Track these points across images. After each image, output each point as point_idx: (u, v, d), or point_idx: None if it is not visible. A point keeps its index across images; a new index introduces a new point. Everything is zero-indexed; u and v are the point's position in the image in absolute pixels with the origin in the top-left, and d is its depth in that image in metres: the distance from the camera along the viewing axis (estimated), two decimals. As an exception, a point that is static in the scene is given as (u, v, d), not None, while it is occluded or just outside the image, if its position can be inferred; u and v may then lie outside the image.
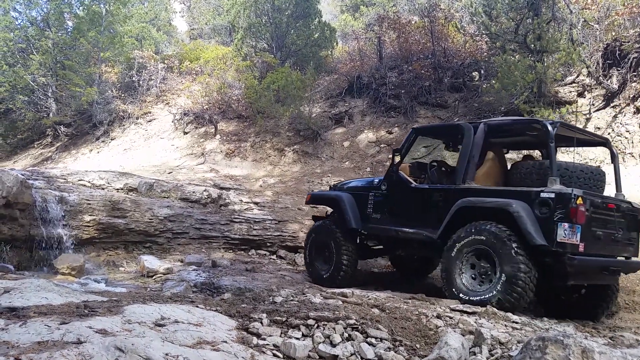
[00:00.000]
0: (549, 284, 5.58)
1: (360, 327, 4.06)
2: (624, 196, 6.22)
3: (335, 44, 17.98)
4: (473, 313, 4.90)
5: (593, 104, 10.61)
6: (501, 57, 10.90)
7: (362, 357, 3.67)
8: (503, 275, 5.21)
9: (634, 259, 5.99)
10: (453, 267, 5.66)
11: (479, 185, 6.00)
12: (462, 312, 4.91)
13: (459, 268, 5.64)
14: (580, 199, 5.09)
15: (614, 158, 6.34)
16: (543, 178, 5.50)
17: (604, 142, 6.59)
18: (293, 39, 16.62)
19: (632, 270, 6.17)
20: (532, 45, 10.65)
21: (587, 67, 10.92)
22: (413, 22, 15.91)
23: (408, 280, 7.67)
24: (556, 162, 5.45)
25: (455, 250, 5.65)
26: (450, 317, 4.62)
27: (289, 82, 13.94)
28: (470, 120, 12.28)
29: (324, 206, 8.34)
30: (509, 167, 6.62)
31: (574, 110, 10.53)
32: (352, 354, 3.69)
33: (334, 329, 3.98)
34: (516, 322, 4.76)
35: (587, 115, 10.46)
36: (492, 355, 3.64)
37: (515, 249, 5.17)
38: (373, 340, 3.90)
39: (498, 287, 5.21)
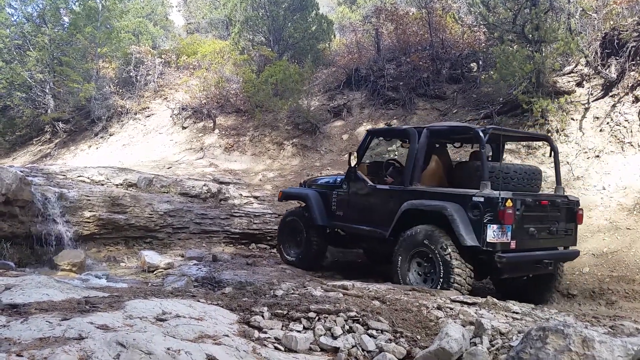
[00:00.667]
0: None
1: (361, 319, 4.08)
2: (563, 189, 6.75)
3: (332, 36, 17.92)
4: (473, 304, 4.92)
5: (592, 94, 10.58)
6: (499, 47, 10.86)
7: (363, 349, 3.69)
8: (441, 273, 5.71)
9: (572, 248, 6.52)
10: (402, 264, 6.12)
11: (424, 187, 6.35)
12: (462, 303, 4.93)
13: (407, 266, 6.11)
14: (509, 201, 5.54)
15: (554, 153, 6.76)
16: (480, 179, 5.85)
17: (545, 138, 7.20)
18: (290, 32, 16.57)
19: (569, 259, 6.66)
20: (530, 35, 10.61)
21: (585, 57, 10.88)
22: (410, 14, 15.84)
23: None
24: (487, 166, 5.81)
25: (402, 249, 6.12)
26: (451, 308, 4.63)
27: (287, 76, 13.91)
28: (471, 113, 12.28)
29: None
30: (454, 166, 7.06)
31: (573, 100, 10.51)
32: (353, 346, 3.70)
33: (335, 321, 3.99)
34: (516, 313, 4.77)
35: (586, 105, 10.44)
36: (492, 345, 3.65)
37: (450, 249, 5.67)
38: (374, 332, 3.91)
39: (438, 286, 5.71)
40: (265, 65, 15.52)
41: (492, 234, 5.53)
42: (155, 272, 7.18)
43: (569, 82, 11.29)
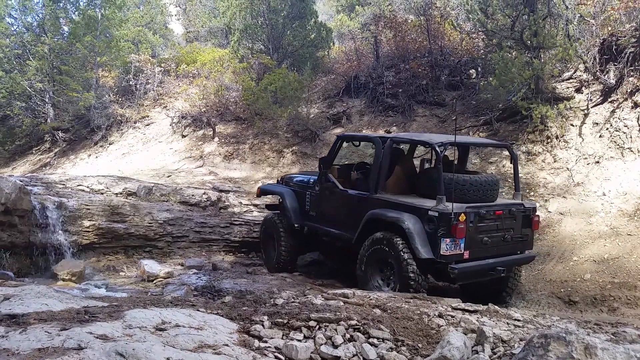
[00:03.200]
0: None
1: (362, 328, 4.05)
2: (521, 196, 7.03)
3: (331, 44, 17.96)
4: (475, 311, 4.89)
5: (591, 100, 10.60)
6: (498, 54, 10.89)
7: (364, 358, 3.66)
8: (398, 279, 6.06)
9: (528, 252, 6.81)
10: (367, 268, 6.42)
11: (387, 197, 6.56)
12: (463, 310, 4.90)
13: (370, 270, 6.40)
14: (462, 215, 5.83)
15: (514, 161, 7.01)
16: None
17: (505, 146, 7.42)
18: (289, 40, 16.61)
19: (523, 263, 6.95)
20: (529, 42, 10.64)
21: (584, 63, 10.91)
22: (409, 21, 15.89)
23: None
24: (442, 180, 6.02)
25: (366, 255, 6.41)
26: (452, 316, 4.61)
27: (286, 83, 13.93)
28: (471, 120, 12.29)
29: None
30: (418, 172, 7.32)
31: (572, 106, 10.52)
32: (354, 355, 3.68)
33: (335, 330, 3.96)
34: (518, 320, 4.75)
35: (585, 111, 10.45)
36: (494, 353, 3.63)
37: (407, 259, 5.96)
38: (375, 341, 3.89)
39: (397, 289, 6.03)
40: (264, 73, 15.55)
41: (446, 247, 5.82)
42: (154, 281, 7.16)
43: (568, 88, 11.32)
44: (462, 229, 5.85)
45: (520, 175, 10.02)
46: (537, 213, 6.84)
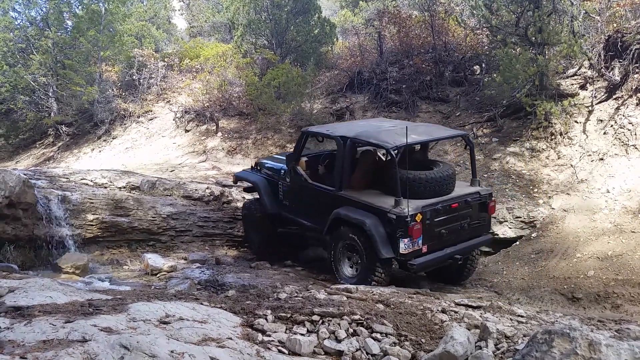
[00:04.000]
0: None
1: (365, 323, 4.06)
2: (479, 182, 7.33)
3: (335, 39, 17.89)
4: (478, 307, 4.90)
5: (595, 96, 10.56)
6: (502, 50, 10.85)
7: (367, 353, 3.67)
8: (363, 273, 6.57)
9: (484, 235, 7.25)
10: (337, 258, 6.93)
11: (351, 195, 6.90)
12: (467, 306, 4.90)
13: (340, 259, 6.91)
14: (418, 215, 6.25)
15: (470, 149, 7.38)
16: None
17: (461, 135, 7.77)
18: (293, 35, 16.56)
19: (479, 246, 7.41)
20: (533, 38, 10.60)
21: (588, 59, 10.87)
22: (413, 17, 15.83)
23: None
24: (398, 181, 6.30)
25: (335, 246, 6.92)
26: (455, 312, 4.61)
27: (289, 79, 13.90)
28: (475, 116, 12.27)
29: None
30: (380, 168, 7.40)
31: (576, 102, 10.48)
32: (357, 350, 3.68)
33: (338, 324, 3.97)
34: (521, 316, 4.75)
35: (590, 108, 10.42)
36: (498, 349, 3.63)
37: (369, 257, 6.45)
38: (378, 336, 3.90)
39: (361, 277, 6.56)
40: (267, 69, 15.51)
41: (404, 246, 6.22)
42: (158, 275, 7.17)
43: (572, 84, 11.27)
44: (419, 230, 6.24)
45: (524, 171, 10.05)
46: (492, 198, 7.24)
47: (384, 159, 6.99)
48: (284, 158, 8.28)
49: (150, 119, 17.66)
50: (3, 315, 3.60)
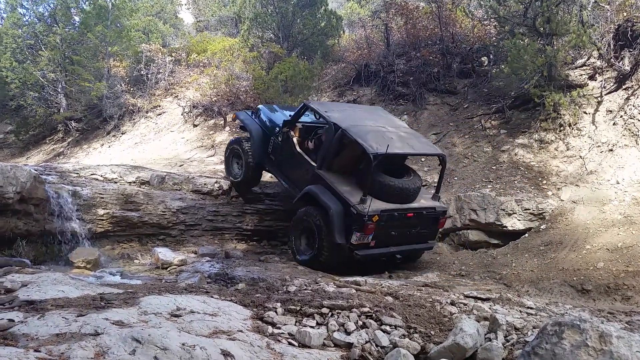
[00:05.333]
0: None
1: (374, 315, 4.08)
2: (439, 198, 8.09)
3: (342, 32, 17.84)
4: (487, 299, 4.90)
5: (604, 87, 10.46)
6: (510, 41, 10.75)
7: (377, 345, 3.69)
8: (316, 249, 7.32)
9: (429, 242, 8.10)
10: (297, 230, 7.67)
11: (328, 177, 7.49)
12: (476, 298, 4.91)
13: (300, 232, 7.64)
14: (376, 216, 6.94)
15: (442, 168, 7.98)
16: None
17: (436, 155, 8.06)
18: (299, 29, 16.52)
19: (421, 250, 8.26)
20: (542, 29, 10.50)
21: (598, 49, 10.75)
22: (420, 8, 15.72)
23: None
24: (368, 183, 7.00)
25: (299, 219, 7.64)
26: (465, 304, 4.62)
27: (296, 72, 13.89)
28: (483, 108, 12.21)
29: None
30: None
31: (585, 93, 10.38)
32: (367, 342, 3.70)
33: (348, 317, 4.00)
34: (531, 308, 4.75)
35: (599, 98, 10.32)
36: (507, 341, 3.64)
37: (325, 237, 7.17)
38: (387, 328, 3.92)
39: (313, 255, 7.36)
40: (274, 62, 15.50)
41: (356, 238, 6.98)
42: (168, 269, 7.21)
43: (581, 75, 11.17)
44: (372, 229, 6.99)
45: (532, 163, 10.00)
46: (445, 215, 8.08)
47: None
48: (281, 113, 8.99)
49: (159, 114, 17.73)
50: (17, 309, 3.65)
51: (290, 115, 8.54)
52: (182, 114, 16.71)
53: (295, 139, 8.26)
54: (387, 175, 7.35)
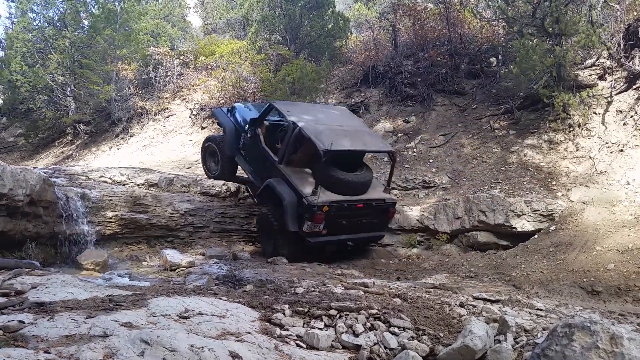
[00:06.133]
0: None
1: (382, 317, 4.06)
2: (390, 191, 8.75)
3: (349, 34, 17.83)
4: (496, 301, 4.87)
5: (614, 87, 10.37)
6: (519, 41, 10.69)
7: (385, 347, 3.67)
8: (275, 242, 8.08)
9: (379, 232, 8.77)
10: (262, 233, 8.40)
11: (286, 171, 8.14)
12: (485, 300, 4.88)
13: (265, 232, 8.32)
14: (325, 207, 7.62)
15: (392, 163, 8.62)
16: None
17: (386, 152, 8.82)
18: (307, 31, 16.54)
19: (371, 239, 8.91)
20: (550, 29, 10.44)
21: (607, 49, 10.67)
22: (428, 9, 15.69)
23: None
24: (320, 176, 7.78)
25: (260, 221, 8.51)
26: (474, 306, 4.59)
27: (304, 74, 13.89)
28: (491, 108, 12.16)
29: None
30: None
31: (595, 93, 10.31)
32: (375, 344, 3.69)
33: (356, 318, 3.98)
34: (540, 310, 4.71)
35: (609, 98, 10.24)
36: (517, 342, 3.61)
37: (279, 226, 7.92)
38: (396, 330, 3.90)
39: (270, 245, 8.18)
40: (282, 64, 15.52)
41: (307, 226, 7.65)
42: (177, 271, 7.23)
43: (590, 75, 11.09)
44: (321, 218, 7.64)
45: (542, 164, 9.93)
46: (395, 207, 8.65)
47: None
48: (255, 111, 9.51)
49: (167, 117, 17.81)
50: (27, 310, 3.67)
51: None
52: (190, 117, 16.77)
53: (261, 136, 8.87)
54: (339, 169, 7.97)
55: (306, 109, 9.15)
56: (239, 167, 9.61)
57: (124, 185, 9.29)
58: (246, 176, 9.44)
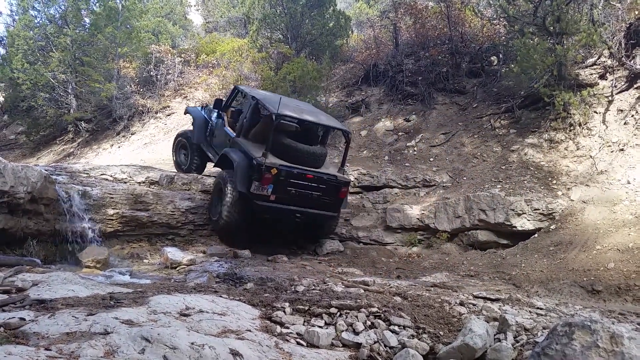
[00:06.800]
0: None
1: (382, 315, 4.07)
2: (344, 171, 8.92)
3: (350, 32, 17.81)
4: (496, 300, 4.88)
5: (615, 86, 10.37)
6: (520, 40, 10.69)
7: (385, 345, 3.68)
8: (223, 204, 8.19)
9: (330, 213, 8.62)
10: (214, 193, 8.68)
11: (242, 142, 8.52)
12: (485, 298, 4.89)
13: (216, 195, 8.55)
14: (274, 169, 7.81)
15: (346, 143, 8.95)
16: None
17: (341, 130, 8.96)
18: (308, 29, 16.53)
19: (320, 218, 8.66)
20: (552, 28, 10.43)
21: (608, 48, 10.66)
22: (429, 8, 15.68)
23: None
24: (270, 143, 7.92)
25: (214, 184, 8.78)
26: (474, 304, 4.60)
27: (305, 73, 13.89)
28: (492, 107, 12.15)
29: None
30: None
31: (596, 92, 10.30)
32: (375, 342, 3.70)
33: (356, 317, 3.99)
34: (541, 308, 4.72)
35: (610, 98, 10.24)
36: (517, 341, 3.62)
37: (230, 189, 8.10)
38: (396, 328, 3.91)
39: (220, 211, 8.25)
40: (283, 63, 15.51)
41: (254, 187, 7.83)
42: (177, 269, 7.23)
43: (591, 74, 11.08)
44: (269, 179, 7.80)
45: (542, 163, 9.93)
46: (347, 187, 8.67)
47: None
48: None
49: (168, 115, 17.82)
50: (28, 308, 3.68)
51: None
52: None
53: (226, 119, 9.43)
54: (293, 140, 8.29)
55: (265, 93, 9.67)
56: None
57: (125, 183, 9.28)
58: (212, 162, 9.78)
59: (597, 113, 10.23)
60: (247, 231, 8.57)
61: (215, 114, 10.05)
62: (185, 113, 11.50)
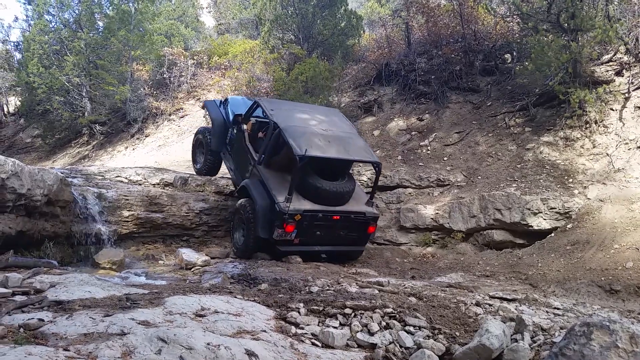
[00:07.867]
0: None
1: (398, 316, 4.05)
2: (372, 204, 8.24)
3: (362, 32, 17.79)
4: (513, 300, 4.83)
5: (632, 82, 10.22)
6: (534, 37, 10.59)
7: (401, 346, 3.66)
8: (244, 238, 7.79)
9: (358, 247, 8.35)
10: (235, 222, 8.12)
11: (263, 173, 7.88)
12: (501, 299, 4.85)
13: (236, 224, 8.03)
14: (298, 216, 7.28)
15: (377, 175, 8.18)
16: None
17: (371, 163, 8.19)
18: (319, 29, 16.54)
19: (349, 254, 8.34)
20: (566, 24, 10.31)
21: (625, 44, 10.52)
22: (442, 6, 15.59)
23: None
24: (295, 183, 7.30)
25: (235, 210, 8.14)
26: (490, 305, 4.56)
27: (316, 73, 13.89)
28: (506, 105, 12.05)
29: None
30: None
31: (612, 89, 10.17)
32: (390, 342, 3.68)
33: (371, 317, 3.98)
34: (558, 309, 4.67)
35: (626, 94, 10.10)
36: (534, 341, 3.58)
37: (250, 229, 7.60)
38: (411, 329, 3.88)
39: (241, 244, 7.87)
40: (295, 63, 15.54)
41: (277, 234, 7.34)
42: (192, 270, 7.27)
43: (607, 71, 10.94)
44: (292, 226, 7.31)
45: (558, 161, 9.82)
46: (376, 222, 8.19)
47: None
48: (246, 106, 9.13)
49: (182, 117, 17.93)
50: (46, 309, 3.72)
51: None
52: (204, 116, 16.85)
53: (246, 133, 8.67)
54: (319, 177, 7.61)
55: (292, 109, 8.69)
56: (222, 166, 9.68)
57: (140, 184, 9.37)
58: (229, 174, 9.30)
59: (613, 110, 10.10)
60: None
61: (233, 107, 9.46)
62: (202, 107, 10.98)
